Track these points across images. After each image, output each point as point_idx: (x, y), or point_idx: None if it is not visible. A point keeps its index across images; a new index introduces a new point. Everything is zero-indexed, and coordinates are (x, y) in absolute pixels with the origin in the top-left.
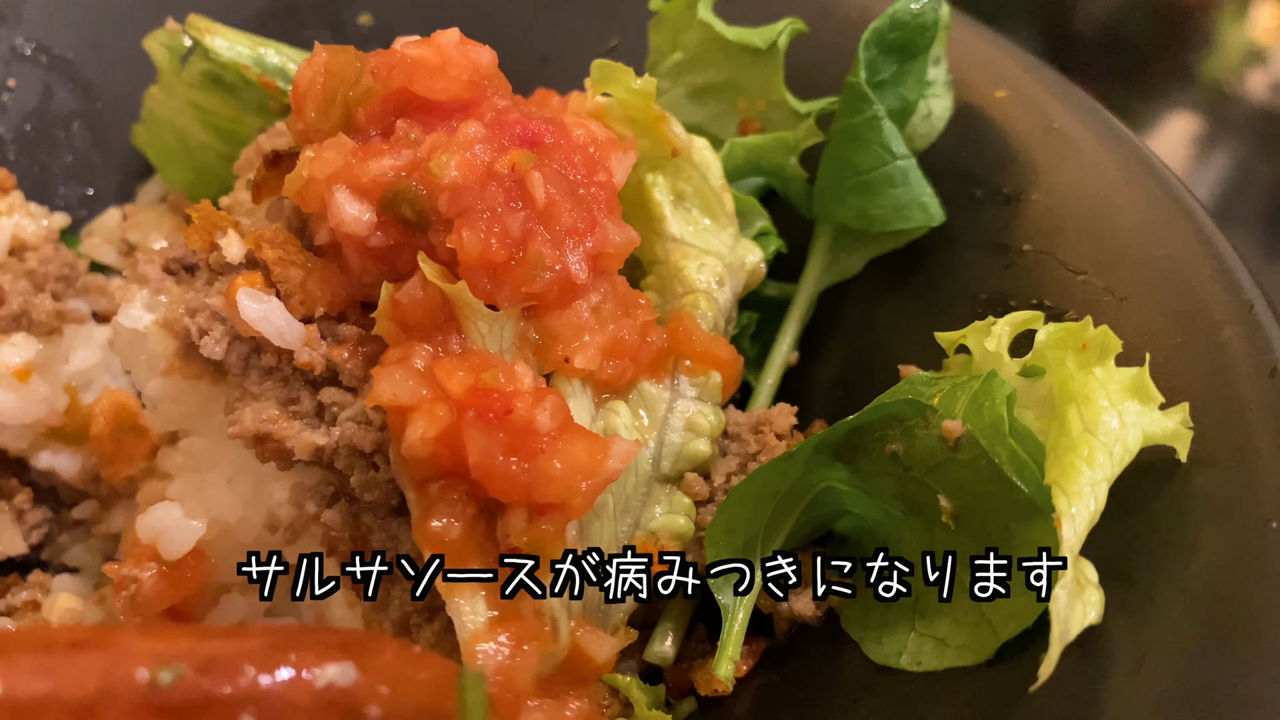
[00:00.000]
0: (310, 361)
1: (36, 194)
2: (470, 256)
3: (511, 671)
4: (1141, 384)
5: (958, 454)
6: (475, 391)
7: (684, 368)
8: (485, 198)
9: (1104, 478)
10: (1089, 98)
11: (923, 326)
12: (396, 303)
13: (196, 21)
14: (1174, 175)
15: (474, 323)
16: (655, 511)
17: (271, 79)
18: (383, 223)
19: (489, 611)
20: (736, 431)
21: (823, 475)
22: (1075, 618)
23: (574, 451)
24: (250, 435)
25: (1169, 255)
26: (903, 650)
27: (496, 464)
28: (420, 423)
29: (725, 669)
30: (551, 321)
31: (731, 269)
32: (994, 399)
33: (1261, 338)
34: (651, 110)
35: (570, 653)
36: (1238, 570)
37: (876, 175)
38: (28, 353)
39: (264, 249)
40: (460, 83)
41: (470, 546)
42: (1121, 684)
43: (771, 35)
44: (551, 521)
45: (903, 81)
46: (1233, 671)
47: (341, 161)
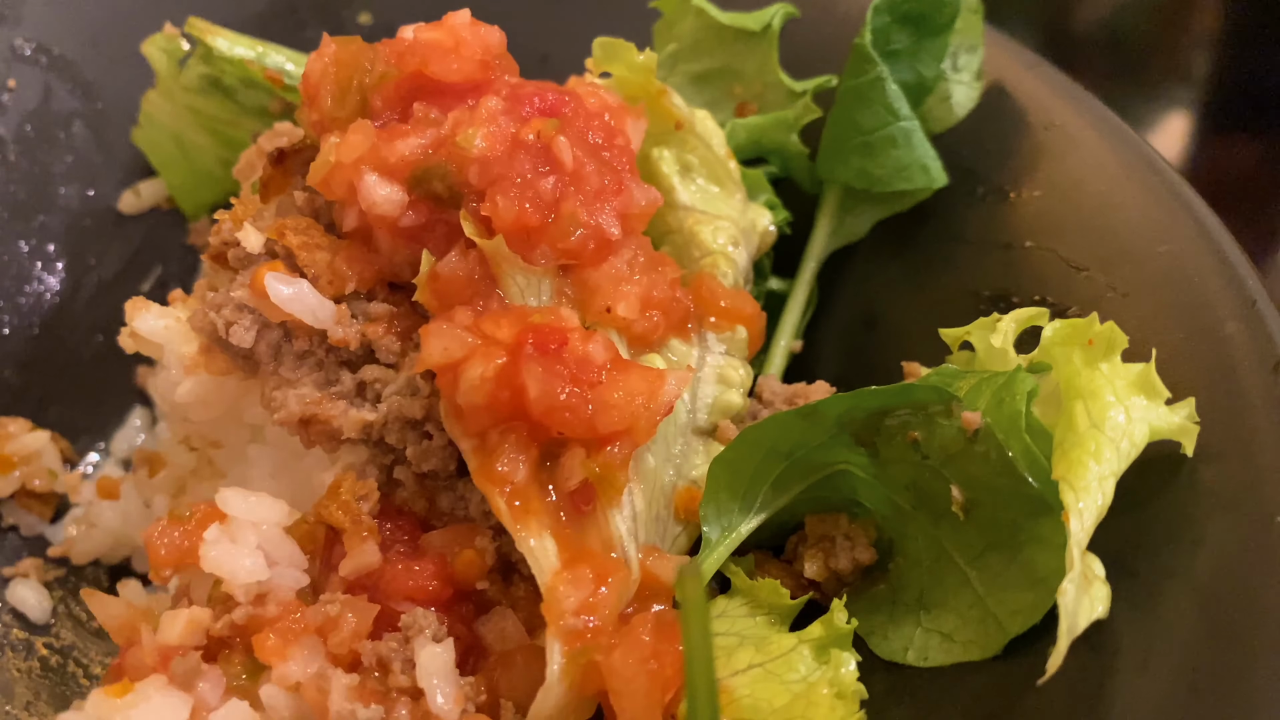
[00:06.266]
0: (345, 338)
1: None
2: (506, 222)
3: (596, 608)
4: (1148, 379)
5: (974, 446)
6: (529, 329)
7: (710, 324)
8: (515, 166)
9: (1111, 473)
10: (1089, 94)
11: (926, 323)
12: (436, 274)
13: (196, 23)
14: (1175, 171)
15: (512, 278)
16: (695, 462)
17: (277, 73)
18: (413, 201)
19: (560, 551)
20: (771, 400)
21: (841, 456)
22: (1083, 612)
23: (631, 380)
24: (296, 419)
25: (1171, 251)
26: (909, 646)
27: (557, 397)
28: (477, 366)
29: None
30: (589, 275)
31: (745, 232)
32: (1015, 394)
33: (1264, 333)
34: (653, 85)
35: (641, 580)
36: (1244, 564)
37: (879, 136)
38: None
39: (287, 235)
40: (473, 62)
41: (533, 489)
42: (1129, 677)
43: (765, 18)
44: (618, 450)
45: (918, 56)
46: (1239, 664)
47: (368, 144)
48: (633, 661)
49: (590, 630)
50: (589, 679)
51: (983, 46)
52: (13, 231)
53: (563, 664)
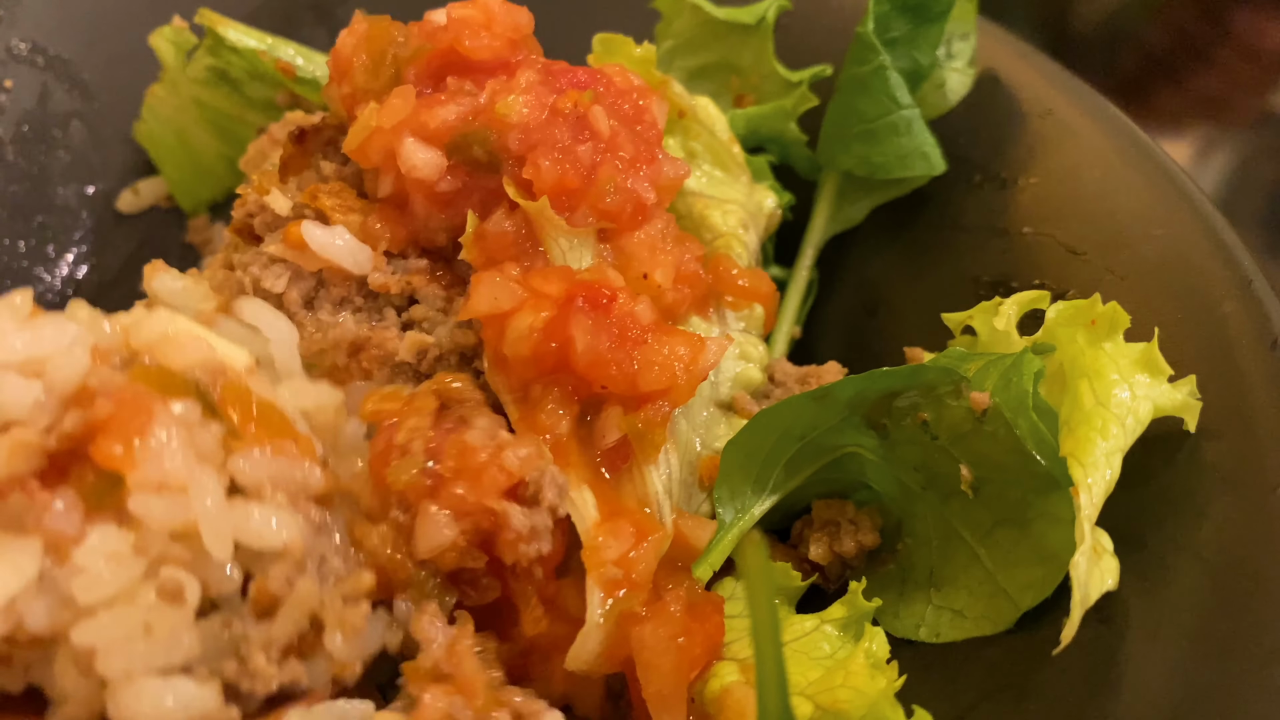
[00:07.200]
0: (385, 283)
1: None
2: (547, 184)
3: (634, 563)
4: (1151, 357)
5: (983, 425)
6: (579, 285)
7: (727, 303)
8: (554, 132)
9: (1118, 448)
10: (1083, 83)
11: (927, 309)
12: (484, 233)
13: (207, 13)
14: (1169, 158)
15: (555, 239)
16: (717, 433)
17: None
18: (451, 166)
19: (598, 504)
20: (783, 379)
21: (852, 439)
22: (1094, 584)
23: (674, 342)
24: (348, 342)
25: (1167, 235)
26: (921, 623)
27: (603, 351)
28: (526, 316)
29: (702, 570)
30: (626, 242)
31: (752, 214)
32: (1022, 374)
33: (1261, 312)
34: (654, 75)
35: (672, 541)
36: (1247, 535)
37: (881, 123)
38: None
39: (320, 198)
40: (504, 40)
41: (574, 443)
42: (1139, 646)
43: (759, 12)
44: (657, 408)
45: (915, 43)
46: (1246, 632)
47: (409, 109)
48: (664, 635)
49: (629, 583)
50: (623, 632)
51: (975, 34)
52: (11, 231)
53: (603, 611)
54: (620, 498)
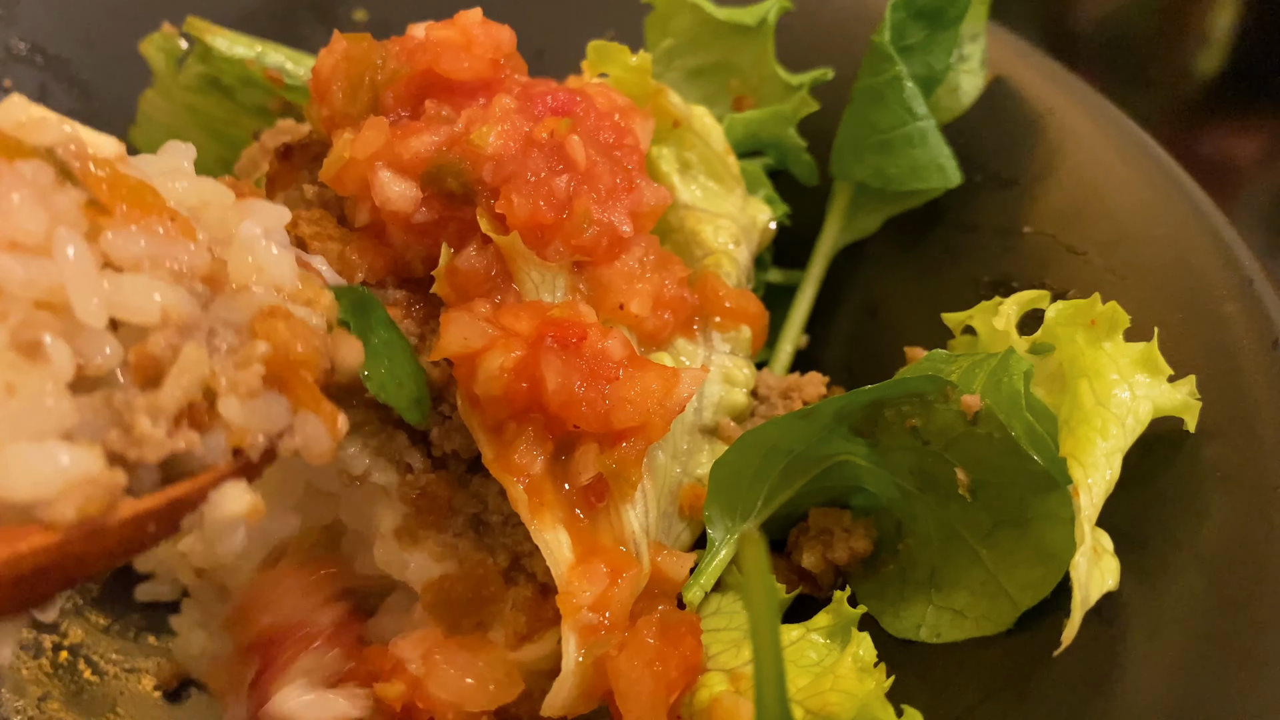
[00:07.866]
0: None
1: None
2: (520, 219)
3: (610, 603)
4: (1151, 357)
5: (976, 428)
6: (549, 323)
7: (714, 324)
8: (528, 164)
9: (1117, 448)
10: (1084, 83)
11: (927, 309)
12: (455, 268)
13: (195, 22)
14: (1169, 157)
15: (527, 273)
16: (700, 460)
17: (276, 73)
18: (427, 198)
19: (573, 545)
20: (766, 394)
21: (841, 448)
22: (1095, 584)
23: (647, 378)
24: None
25: (1168, 234)
26: (921, 623)
27: (575, 390)
28: (496, 356)
29: (694, 593)
30: (602, 273)
31: (745, 229)
32: (1011, 375)
33: (1261, 312)
34: (649, 84)
35: (650, 577)
36: (1248, 535)
37: (896, 135)
38: None
39: (301, 225)
40: (484, 61)
41: (548, 482)
42: (1140, 646)
43: (760, 13)
44: (632, 446)
45: (930, 50)
46: (1246, 631)
47: (382, 141)
48: (638, 664)
49: (604, 626)
50: (601, 672)
51: (985, 34)
52: None
53: (578, 657)
54: (596, 536)
